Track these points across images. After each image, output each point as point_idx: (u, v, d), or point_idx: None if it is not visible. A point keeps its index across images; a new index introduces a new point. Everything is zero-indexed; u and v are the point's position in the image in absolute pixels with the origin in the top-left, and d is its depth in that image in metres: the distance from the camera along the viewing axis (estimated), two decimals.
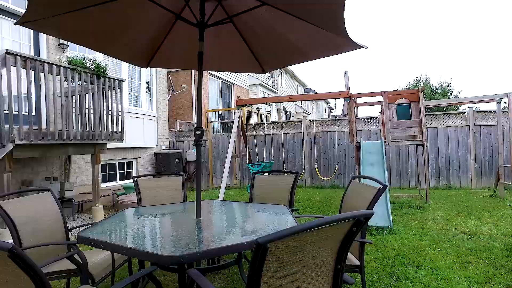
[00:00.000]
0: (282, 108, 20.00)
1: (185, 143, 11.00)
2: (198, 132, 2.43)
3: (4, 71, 4.03)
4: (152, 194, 3.38)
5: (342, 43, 2.51)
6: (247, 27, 2.99)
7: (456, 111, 9.54)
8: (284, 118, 19.67)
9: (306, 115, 27.58)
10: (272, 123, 10.52)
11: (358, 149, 6.79)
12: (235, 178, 10.38)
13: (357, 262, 2.28)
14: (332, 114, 42.24)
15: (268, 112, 17.24)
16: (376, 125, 9.32)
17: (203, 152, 10.70)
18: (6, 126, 4.09)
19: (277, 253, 1.12)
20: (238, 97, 9.38)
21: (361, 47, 2.51)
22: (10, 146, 4.10)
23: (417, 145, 7.35)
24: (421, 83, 27.64)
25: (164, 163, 9.51)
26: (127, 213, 2.68)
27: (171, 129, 11.25)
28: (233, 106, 15.62)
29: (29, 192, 2.87)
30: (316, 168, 9.23)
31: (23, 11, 5.97)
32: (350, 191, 2.77)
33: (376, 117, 9.38)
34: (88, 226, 2.70)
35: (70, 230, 2.69)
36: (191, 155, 10.64)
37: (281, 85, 23.96)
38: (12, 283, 1.24)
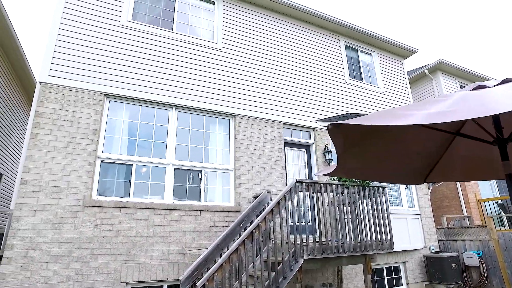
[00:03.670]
0: None
1: (458, 242, 9.18)
2: None
3: (295, 196, 4.95)
4: None
5: None
6: None
7: None
8: None
9: None
10: None
11: None
12: None
13: None
14: None
15: None
16: None
17: (488, 255, 8.52)
18: (298, 245, 4.80)
19: None
20: None
21: None
22: (301, 262, 4.73)
23: None
24: None
25: (437, 268, 8.19)
26: None
27: (438, 226, 9.85)
28: None
29: None
30: None
31: (306, 141, 7.56)
32: None
33: None
34: None
35: None
36: (470, 258, 8.65)
37: None
38: None
